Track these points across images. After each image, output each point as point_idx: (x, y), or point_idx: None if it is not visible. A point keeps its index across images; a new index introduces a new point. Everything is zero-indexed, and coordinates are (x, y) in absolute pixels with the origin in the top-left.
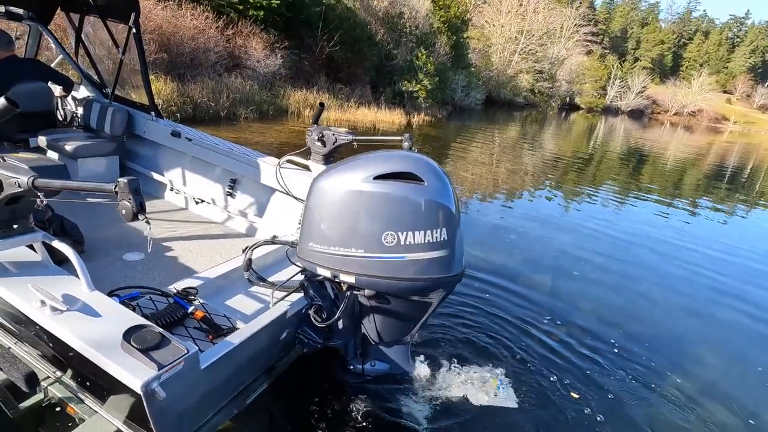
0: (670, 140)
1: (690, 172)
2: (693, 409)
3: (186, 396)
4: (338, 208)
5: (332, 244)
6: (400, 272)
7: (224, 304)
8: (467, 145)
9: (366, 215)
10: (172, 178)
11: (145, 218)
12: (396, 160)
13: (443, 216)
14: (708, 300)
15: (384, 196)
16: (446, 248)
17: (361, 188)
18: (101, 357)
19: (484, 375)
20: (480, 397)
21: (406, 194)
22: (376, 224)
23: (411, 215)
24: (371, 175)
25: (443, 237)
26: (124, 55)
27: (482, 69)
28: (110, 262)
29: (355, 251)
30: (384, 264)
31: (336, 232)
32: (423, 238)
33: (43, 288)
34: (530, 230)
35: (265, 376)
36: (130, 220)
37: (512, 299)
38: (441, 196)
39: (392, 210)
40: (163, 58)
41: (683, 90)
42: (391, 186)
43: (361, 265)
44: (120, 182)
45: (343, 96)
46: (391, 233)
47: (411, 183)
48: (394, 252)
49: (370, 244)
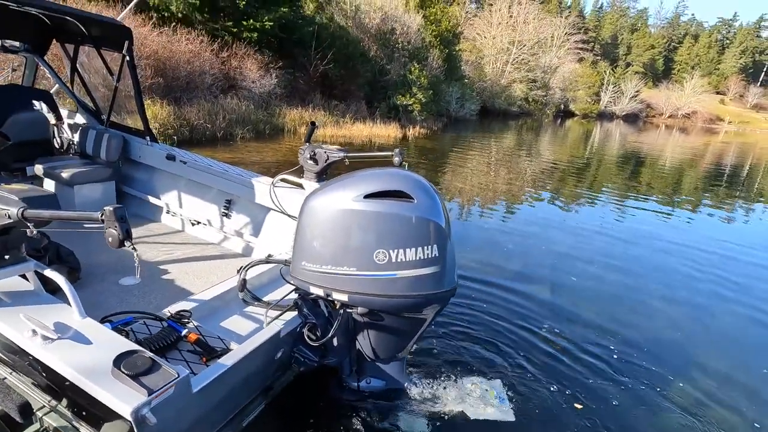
0: (666, 142)
1: (688, 173)
2: (699, 417)
3: (178, 420)
4: (330, 227)
5: (324, 262)
6: (393, 289)
7: (219, 325)
8: (464, 156)
9: (357, 234)
10: (168, 201)
11: (132, 245)
12: (385, 179)
13: (433, 232)
14: (710, 302)
15: (374, 214)
16: (437, 264)
17: (352, 207)
18: (91, 384)
19: (481, 387)
20: (477, 410)
21: (396, 212)
22: (367, 242)
23: (401, 233)
24: (361, 193)
25: (434, 253)
26: (118, 83)
27: (476, 80)
28: (106, 287)
29: (347, 269)
30: (376, 282)
31: (328, 250)
32: (414, 255)
33: (34, 317)
34: (528, 238)
35: (262, 397)
36: (117, 247)
37: (510, 308)
38: (431, 212)
39: (383, 228)
40: (159, 82)
41: (676, 93)
42: (382, 204)
43: (354, 283)
44: (106, 210)
45: (339, 112)
46: (382, 251)
47: (401, 201)
48: (386, 269)
49: (362, 262)
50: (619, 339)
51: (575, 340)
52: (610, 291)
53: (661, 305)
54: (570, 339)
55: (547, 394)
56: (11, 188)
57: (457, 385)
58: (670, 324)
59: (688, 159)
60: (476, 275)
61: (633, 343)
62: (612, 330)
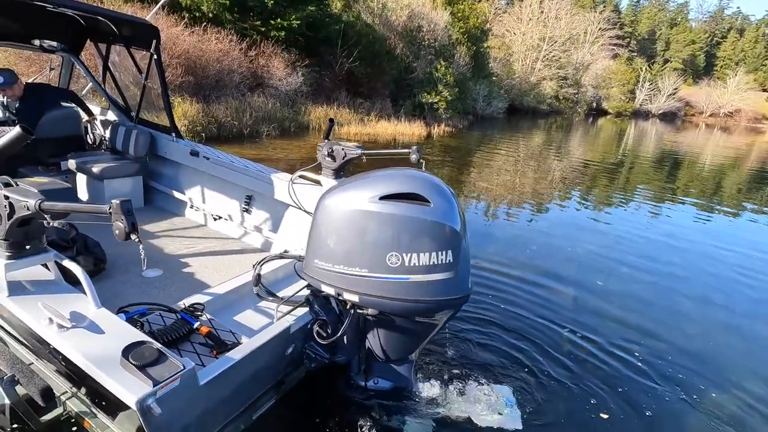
0: (705, 142)
1: (729, 175)
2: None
3: (186, 412)
4: (343, 227)
5: (336, 262)
6: (404, 293)
7: (232, 319)
8: (489, 155)
9: (371, 235)
10: (192, 196)
11: (137, 238)
12: (402, 180)
13: (449, 237)
14: (749, 310)
15: (389, 216)
16: (451, 270)
17: (367, 208)
18: (100, 373)
19: (491, 393)
20: (484, 416)
21: (411, 215)
22: (380, 245)
23: (416, 237)
24: (377, 195)
25: (449, 259)
26: (147, 81)
27: (504, 78)
28: (129, 279)
29: (359, 270)
30: (388, 285)
31: (341, 250)
32: (428, 259)
33: (51, 306)
34: (553, 239)
35: (273, 391)
36: (123, 239)
37: (530, 310)
38: (447, 217)
39: (397, 231)
40: (190, 80)
41: (718, 90)
42: (397, 207)
43: (365, 284)
44: (113, 203)
45: (363, 110)
46: (395, 254)
47: (417, 204)
48: (399, 273)
49: (375, 264)
50: (648, 346)
51: (599, 346)
52: (639, 296)
53: (696, 312)
54: (593, 345)
55: (562, 403)
56: (33, 181)
57: (466, 390)
58: (705, 332)
59: (730, 160)
60: (497, 276)
61: (663, 350)
62: (640, 337)
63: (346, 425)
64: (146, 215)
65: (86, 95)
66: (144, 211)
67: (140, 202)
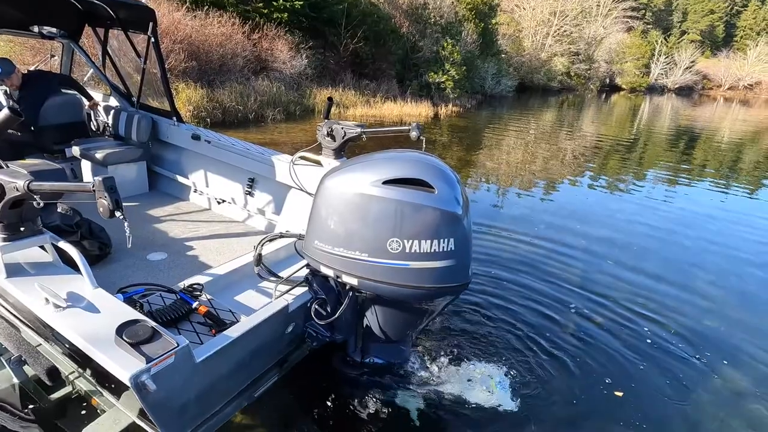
0: (724, 117)
1: (748, 151)
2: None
3: (185, 389)
4: (345, 210)
5: (336, 244)
6: (403, 279)
7: (232, 299)
8: (498, 134)
9: (372, 220)
10: (195, 180)
11: (123, 215)
12: (407, 165)
13: (452, 225)
14: (763, 291)
15: (392, 202)
16: (452, 258)
17: (370, 192)
18: (95, 350)
19: (485, 372)
20: (476, 395)
21: (415, 201)
22: (381, 230)
23: (418, 223)
24: (381, 179)
25: (450, 247)
26: (145, 64)
27: (513, 55)
28: (134, 262)
29: (359, 254)
30: (387, 270)
31: (341, 232)
32: (429, 247)
33: (47, 286)
34: (563, 218)
35: (276, 370)
36: (108, 217)
37: (529, 292)
38: (451, 204)
39: (400, 217)
40: (193, 66)
41: (738, 62)
42: (400, 192)
43: (364, 268)
44: (96, 181)
45: (369, 92)
46: (396, 240)
47: (421, 190)
48: (399, 259)
49: (375, 248)
50: (657, 326)
51: (605, 327)
52: (651, 275)
53: (709, 291)
54: (598, 326)
55: (558, 383)
56: (24, 163)
57: (461, 368)
58: (719, 310)
59: (749, 135)
60: (501, 255)
61: (673, 330)
62: (650, 316)
63: (347, 402)
64: (151, 200)
65: (87, 82)
66: (149, 196)
67: (145, 188)
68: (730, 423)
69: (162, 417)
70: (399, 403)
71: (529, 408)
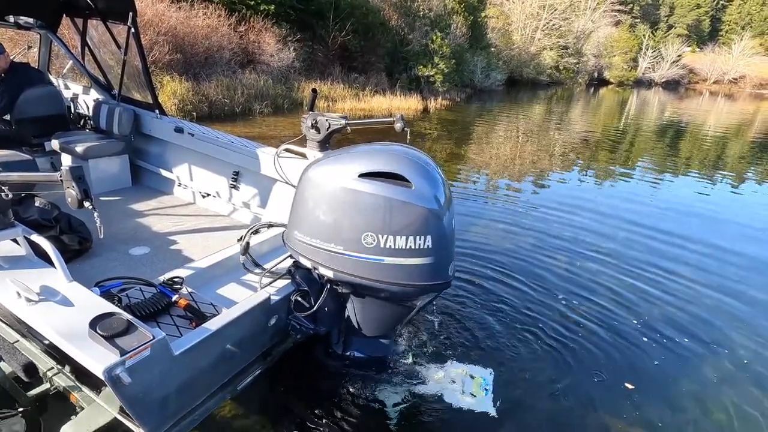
0: (709, 110)
1: (731, 144)
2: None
3: (163, 382)
4: (322, 201)
5: (313, 236)
6: (379, 275)
7: (214, 292)
8: (488, 128)
9: (347, 213)
10: (179, 174)
11: (92, 205)
12: (386, 158)
13: (429, 223)
14: (748, 279)
15: (367, 195)
16: (430, 256)
17: (346, 184)
18: (68, 344)
19: (469, 374)
20: (456, 396)
21: (389, 196)
22: (356, 223)
23: (393, 219)
24: (357, 171)
25: (427, 244)
26: (126, 56)
27: (503, 48)
28: (116, 257)
29: (334, 247)
30: (363, 264)
31: (318, 224)
32: (405, 243)
33: (19, 280)
34: (546, 213)
35: (260, 363)
36: (77, 207)
37: (519, 285)
38: (428, 201)
39: (374, 211)
40: (178, 58)
41: (723, 56)
42: (375, 186)
43: (340, 261)
44: (63, 170)
45: (359, 85)
46: (371, 234)
47: (397, 185)
48: (373, 254)
49: (350, 242)
50: (645, 319)
51: (593, 327)
52: (637, 274)
53: (701, 283)
54: (587, 325)
55: (540, 394)
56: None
57: (445, 368)
58: (709, 300)
59: (733, 129)
60: (489, 250)
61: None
62: (634, 322)
63: (331, 396)
64: (134, 195)
65: (67, 74)
66: (132, 190)
67: (128, 182)
68: (746, 414)
69: (140, 411)
70: (380, 399)
71: (512, 413)
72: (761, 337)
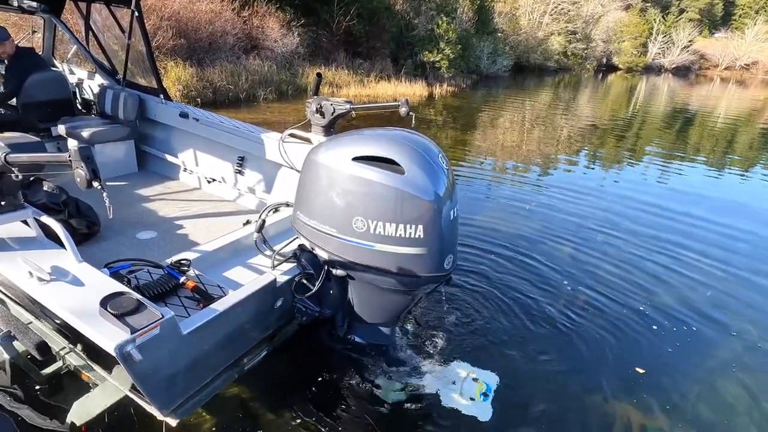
0: (720, 97)
1: (742, 132)
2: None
3: (172, 361)
4: (319, 184)
5: (312, 217)
6: (369, 261)
7: (221, 275)
8: (493, 115)
9: (340, 195)
10: (184, 159)
11: (101, 185)
12: (382, 143)
13: (420, 212)
14: (754, 267)
15: (357, 179)
16: (422, 246)
17: (340, 167)
18: (79, 322)
19: (471, 376)
20: (453, 397)
21: (379, 181)
22: (347, 206)
23: (383, 205)
24: (352, 155)
25: (418, 234)
26: (130, 40)
27: (509, 34)
28: (124, 241)
29: (328, 229)
30: (355, 249)
31: (315, 206)
32: (394, 231)
33: (31, 260)
34: (555, 202)
35: (266, 344)
36: (86, 187)
37: (527, 281)
38: (419, 189)
39: (364, 195)
40: (182, 44)
41: (736, 41)
42: (366, 170)
43: (333, 244)
44: (71, 150)
45: (363, 71)
46: (361, 219)
47: (389, 170)
48: (364, 239)
49: (342, 225)
50: (651, 308)
51: (605, 315)
52: (649, 267)
53: (711, 267)
54: (599, 312)
55: (543, 379)
56: (1, 136)
57: (449, 366)
58: (719, 285)
59: (743, 116)
60: (495, 240)
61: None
62: (647, 300)
63: (334, 380)
64: (140, 180)
65: (71, 59)
66: (138, 175)
67: (134, 167)
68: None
69: (150, 388)
70: (379, 388)
71: (509, 421)
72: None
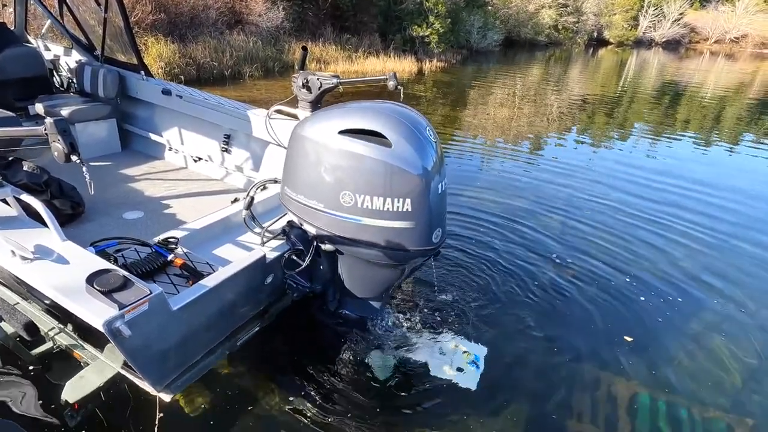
0: (709, 70)
1: (730, 105)
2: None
3: (162, 337)
4: (308, 158)
5: (299, 192)
6: (357, 234)
7: (211, 252)
8: (484, 90)
9: (327, 170)
10: (169, 138)
11: (79, 159)
12: (368, 116)
13: (408, 186)
14: (742, 235)
15: (344, 153)
16: (410, 220)
17: (326, 141)
18: (66, 300)
19: (459, 347)
20: (441, 368)
21: (366, 155)
22: (334, 181)
23: (370, 178)
24: (338, 128)
25: (405, 207)
26: (107, 14)
27: (500, 7)
28: (110, 221)
29: (316, 203)
30: (342, 223)
31: (302, 181)
32: (382, 205)
33: (12, 239)
34: (544, 175)
35: (258, 320)
36: (64, 161)
37: (515, 254)
38: (408, 163)
39: (352, 169)
40: (162, 18)
41: (726, 14)
42: (353, 143)
43: (321, 219)
44: (47, 123)
45: (351, 46)
46: (348, 193)
47: (376, 144)
48: (351, 213)
49: (329, 200)
50: (638, 278)
51: (593, 285)
52: (636, 239)
53: (698, 239)
54: (588, 283)
55: (532, 350)
56: None
57: (436, 339)
58: (708, 256)
59: (732, 90)
60: (484, 213)
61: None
62: (635, 295)
63: (325, 355)
64: (124, 159)
65: (46, 35)
66: (121, 155)
67: (117, 147)
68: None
69: (142, 364)
70: (370, 362)
71: (499, 389)
72: (759, 290)
